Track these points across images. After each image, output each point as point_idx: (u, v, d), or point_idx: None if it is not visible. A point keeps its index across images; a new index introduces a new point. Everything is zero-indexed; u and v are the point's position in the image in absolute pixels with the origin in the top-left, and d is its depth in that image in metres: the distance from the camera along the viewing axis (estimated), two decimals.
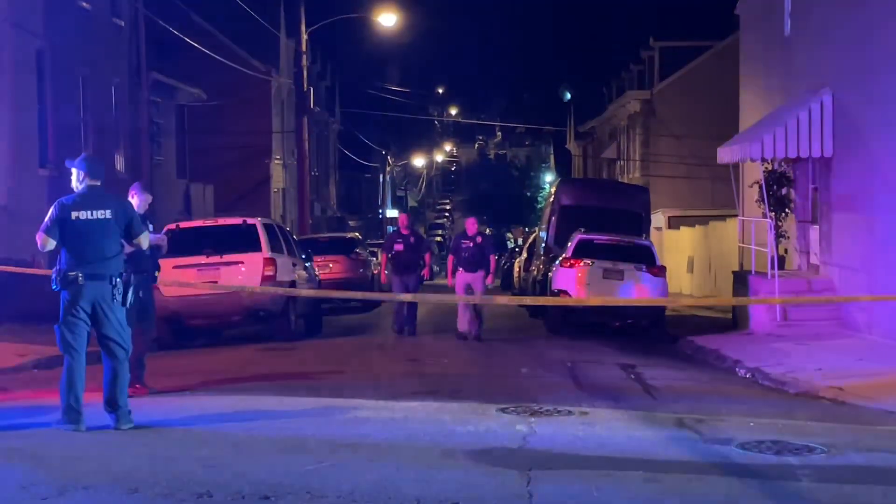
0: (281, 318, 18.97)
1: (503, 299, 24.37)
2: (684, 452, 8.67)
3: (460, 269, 19.10)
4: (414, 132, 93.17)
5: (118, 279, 9.26)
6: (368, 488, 7.14)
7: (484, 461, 8.10)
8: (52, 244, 9.30)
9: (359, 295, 21.90)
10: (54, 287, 9.30)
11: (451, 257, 19.58)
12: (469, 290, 19.04)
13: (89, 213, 9.22)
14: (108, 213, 9.26)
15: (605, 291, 20.36)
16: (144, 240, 9.61)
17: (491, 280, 19.37)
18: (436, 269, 72.69)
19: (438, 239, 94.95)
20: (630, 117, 51.27)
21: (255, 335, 19.60)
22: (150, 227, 11.24)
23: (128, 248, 9.64)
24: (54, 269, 9.33)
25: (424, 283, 21.93)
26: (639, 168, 48.96)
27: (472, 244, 19.10)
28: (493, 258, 19.52)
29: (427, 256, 20.87)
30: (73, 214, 9.22)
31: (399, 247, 20.15)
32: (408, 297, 19.23)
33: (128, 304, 9.40)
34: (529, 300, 23.29)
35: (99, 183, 9.43)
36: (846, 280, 19.08)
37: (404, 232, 20.60)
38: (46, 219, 9.31)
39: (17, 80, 21.59)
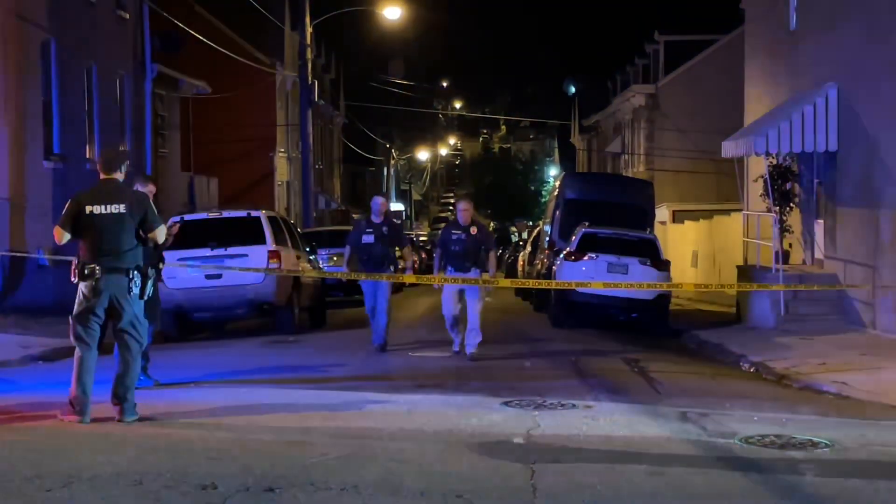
0: (285, 311, 18.99)
1: (505, 282, 24.15)
2: (688, 446, 8.68)
3: (450, 268, 15.12)
4: (418, 125, 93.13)
5: (135, 272, 9.30)
6: (372, 481, 7.16)
7: (488, 454, 8.11)
8: (66, 237, 9.38)
9: (383, 278, 19.77)
10: (73, 279, 9.35)
11: (438, 252, 15.53)
12: (461, 296, 15.04)
13: (103, 206, 9.28)
14: (122, 208, 9.30)
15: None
16: (160, 234, 9.61)
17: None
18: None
19: None
20: (635, 111, 51.22)
21: (259, 328, 19.62)
22: None
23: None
24: (73, 261, 9.39)
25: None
26: (643, 162, 48.92)
27: (464, 236, 14.97)
28: (492, 255, 15.32)
29: (406, 252, 17.03)
30: (88, 208, 9.28)
31: (368, 238, 16.06)
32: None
33: (146, 297, 9.46)
34: (532, 283, 23.29)
35: (115, 176, 9.48)
36: (850, 274, 19.06)
37: (376, 220, 16.23)
38: (63, 212, 9.38)
39: (22, 72, 21.58)
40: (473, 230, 14.98)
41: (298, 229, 23.38)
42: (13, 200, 20.83)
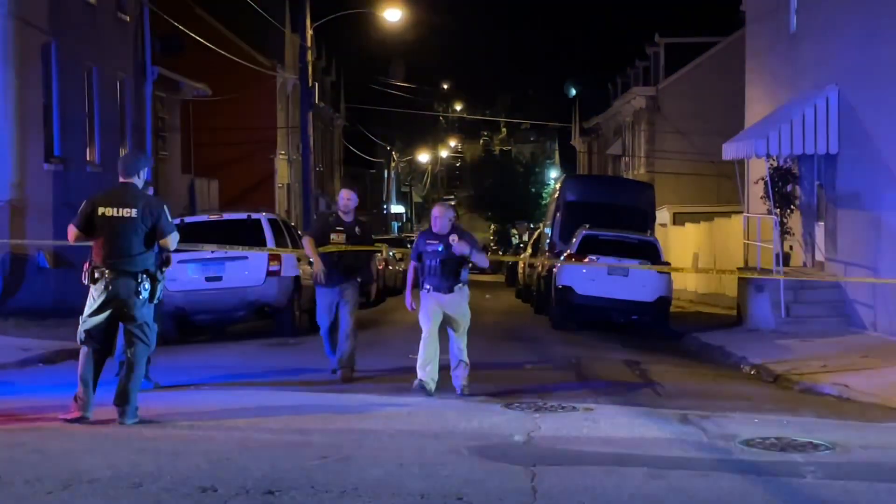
0: (285, 314, 18.98)
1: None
2: (688, 448, 8.67)
3: (426, 286, 11.70)
4: (419, 128, 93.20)
5: (144, 275, 9.32)
6: (373, 483, 7.15)
7: (488, 456, 8.10)
8: (78, 236, 9.42)
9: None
10: (84, 280, 9.39)
11: (411, 267, 12.11)
12: (442, 320, 11.69)
13: (115, 210, 9.35)
14: (133, 212, 9.35)
15: (609, 287, 20.43)
16: (171, 241, 9.61)
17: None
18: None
19: None
20: (635, 113, 51.22)
21: (259, 330, 19.61)
22: None
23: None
24: (85, 264, 9.43)
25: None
26: (644, 164, 48.91)
27: (441, 246, 11.63)
28: (479, 255, 11.84)
29: (373, 263, 13.72)
30: (101, 210, 9.36)
31: (338, 237, 13.04)
32: None
33: (156, 300, 9.49)
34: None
35: (133, 180, 9.54)
36: (851, 275, 19.05)
37: (346, 218, 13.15)
38: (78, 213, 9.47)
39: (22, 74, 21.58)
40: (453, 238, 11.58)
41: (299, 232, 23.38)
42: (14, 202, 20.83)
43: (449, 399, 11.07)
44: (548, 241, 27.11)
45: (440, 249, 11.59)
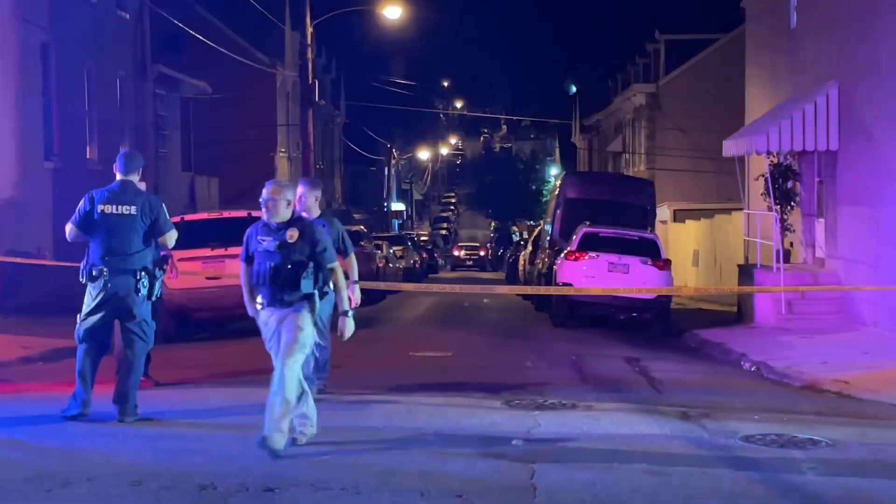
0: None
1: (504, 289, 24.24)
2: (688, 445, 8.67)
3: (259, 300, 8.50)
4: (419, 125, 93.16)
5: (143, 273, 9.32)
6: (373, 481, 7.15)
7: (488, 454, 8.10)
8: (76, 234, 9.41)
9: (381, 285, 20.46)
10: (81, 279, 9.37)
11: (242, 272, 8.69)
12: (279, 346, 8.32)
13: (114, 207, 9.37)
14: (133, 209, 9.37)
15: (609, 285, 20.38)
16: (170, 238, 9.63)
17: (338, 334, 8.82)
18: (441, 262, 72.51)
19: (444, 233, 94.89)
20: (635, 110, 51.19)
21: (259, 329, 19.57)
22: None
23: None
24: (83, 262, 9.42)
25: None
26: (644, 161, 48.88)
27: (275, 244, 8.23)
28: (339, 275, 8.48)
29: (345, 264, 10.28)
30: (100, 208, 9.38)
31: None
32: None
33: (153, 298, 9.49)
34: (530, 289, 23.25)
35: (132, 178, 9.58)
36: (852, 273, 19.05)
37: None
38: (76, 210, 9.46)
39: (22, 72, 21.58)
40: (292, 234, 8.18)
41: None
42: (13, 200, 20.82)
43: (449, 396, 11.07)
44: (548, 238, 27.05)
45: (274, 249, 8.21)
